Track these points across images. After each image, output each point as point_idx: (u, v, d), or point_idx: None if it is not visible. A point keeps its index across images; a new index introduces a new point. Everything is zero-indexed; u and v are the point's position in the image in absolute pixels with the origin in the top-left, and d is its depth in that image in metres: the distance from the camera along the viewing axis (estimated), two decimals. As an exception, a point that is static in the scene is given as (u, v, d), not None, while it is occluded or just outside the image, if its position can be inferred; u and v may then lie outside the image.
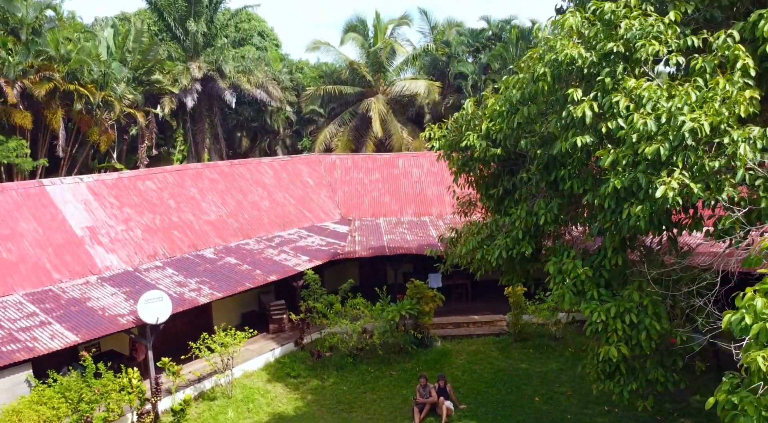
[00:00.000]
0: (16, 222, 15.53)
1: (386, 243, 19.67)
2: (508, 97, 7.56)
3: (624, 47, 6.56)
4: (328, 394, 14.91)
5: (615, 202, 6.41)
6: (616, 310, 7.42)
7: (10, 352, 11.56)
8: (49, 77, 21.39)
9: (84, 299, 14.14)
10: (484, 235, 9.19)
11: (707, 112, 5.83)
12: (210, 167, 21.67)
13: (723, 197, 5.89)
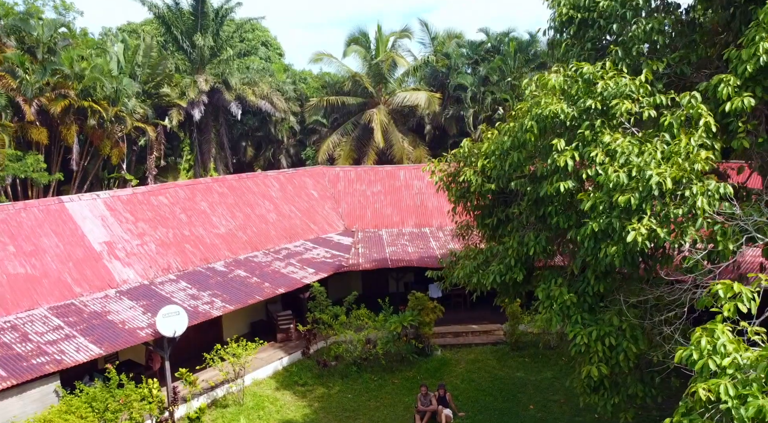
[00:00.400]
0: (39, 238, 16.41)
1: (388, 255, 20.54)
2: (500, 143, 8.44)
3: (601, 104, 7.41)
4: (334, 402, 15.77)
5: (593, 241, 7.27)
6: (597, 334, 8.29)
7: (40, 364, 12.44)
8: (65, 95, 22.28)
9: (105, 313, 15.01)
10: (480, 261, 10.07)
11: (672, 166, 6.69)
12: (219, 181, 22.55)
13: (686, 240, 6.75)
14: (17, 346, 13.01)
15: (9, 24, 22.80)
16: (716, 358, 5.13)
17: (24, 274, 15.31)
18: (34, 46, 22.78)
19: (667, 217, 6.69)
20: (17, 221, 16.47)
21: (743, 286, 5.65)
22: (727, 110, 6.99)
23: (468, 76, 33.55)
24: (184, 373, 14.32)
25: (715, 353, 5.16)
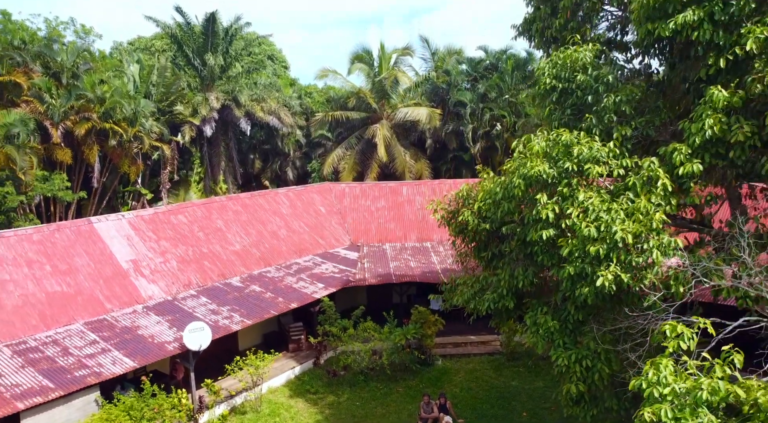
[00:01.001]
0: (72, 258, 17.82)
1: (392, 270, 21.95)
2: (493, 193, 9.84)
3: (577, 166, 8.79)
4: (343, 409, 17.19)
5: (570, 282, 8.67)
6: (575, 356, 9.70)
7: (82, 376, 13.85)
8: (88, 117, 23.67)
9: (134, 327, 16.43)
10: (477, 289, 11.49)
11: (634, 222, 8.11)
12: (233, 199, 23.96)
13: (645, 284, 8.16)
14: (60, 359, 14.42)
15: (35, 50, 24.23)
16: (659, 387, 6.54)
17: (60, 292, 16.73)
18: (59, 71, 24.21)
19: (630, 265, 8.11)
20: (52, 242, 17.88)
21: (685, 327, 7.08)
22: (680, 173, 8.42)
23: (467, 93, 34.92)
24: (209, 384, 15.74)
25: (659, 383, 6.57)
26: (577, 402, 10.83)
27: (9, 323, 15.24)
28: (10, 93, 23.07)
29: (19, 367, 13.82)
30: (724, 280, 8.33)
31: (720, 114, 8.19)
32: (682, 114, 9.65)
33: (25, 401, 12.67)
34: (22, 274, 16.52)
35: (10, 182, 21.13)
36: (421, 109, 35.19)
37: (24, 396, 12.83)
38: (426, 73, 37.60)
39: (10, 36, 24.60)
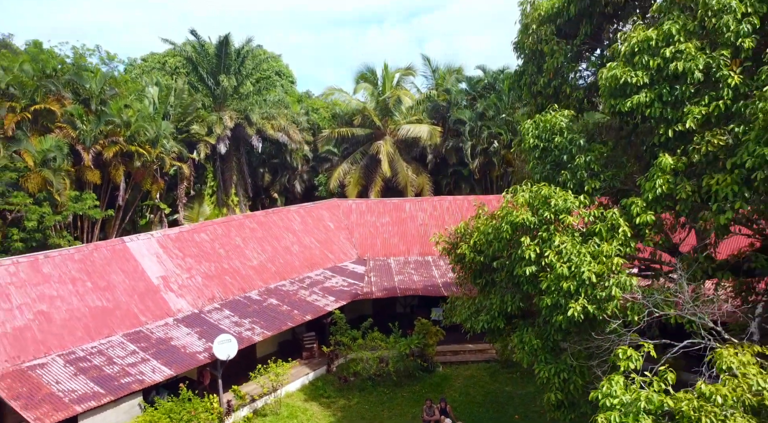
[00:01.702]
0: (109, 275, 19.78)
1: (397, 284, 23.90)
2: (485, 234, 11.80)
3: (553, 215, 10.73)
4: (353, 412, 19.13)
5: (548, 310, 10.60)
6: (554, 370, 11.65)
7: (127, 383, 15.79)
8: (115, 141, 25.62)
9: (168, 339, 18.38)
10: (473, 310, 13.44)
11: (598, 264, 10.06)
12: (250, 217, 25.92)
13: (607, 313, 10.11)
14: (106, 368, 16.37)
15: (65, 79, 26.16)
16: (611, 398, 8.49)
17: (101, 307, 18.69)
18: (88, 98, 26.14)
19: (595, 298, 10.07)
20: (91, 260, 19.84)
21: (634, 350, 9.04)
22: (637, 222, 10.38)
23: (466, 111, 36.90)
24: (236, 389, 17.69)
25: (611, 395, 8.52)
26: (558, 407, 12.74)
27: (59, 335, 17.20)
28: (45, 119, 25.02)
29: (72, 375, 15.78)
30: (672, 309, 10.29)
31: (668, 175, 10.13)
32: (643, 167, 11.61)
33: (82, 405, 14.62)
34: (68, 290, 18.48)
35: (47, 203, 23.07)
36: (422, 126, 37.18)
37: (80, 400, 14.78)
38: (427, 91, 39.56)
39: (41, 64, 26.54)
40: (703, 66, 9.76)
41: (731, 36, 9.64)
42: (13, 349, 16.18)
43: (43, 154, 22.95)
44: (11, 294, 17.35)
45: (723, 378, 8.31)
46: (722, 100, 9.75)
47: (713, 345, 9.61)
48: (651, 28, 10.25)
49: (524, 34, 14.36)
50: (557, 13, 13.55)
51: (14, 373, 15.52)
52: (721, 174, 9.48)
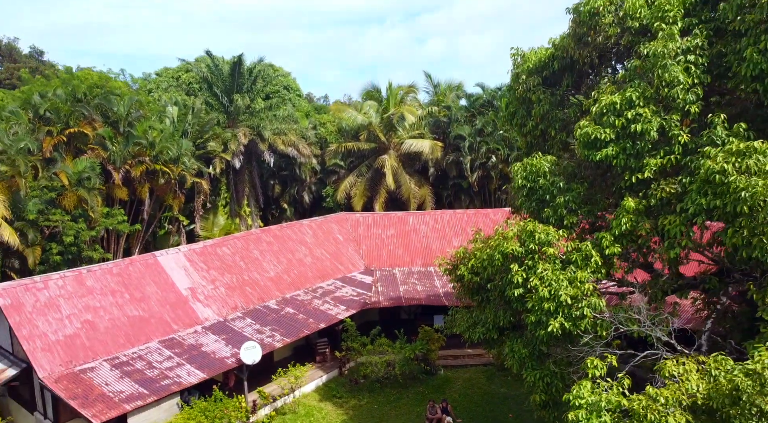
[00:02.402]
0: (144, 287, 21.94)
1: (402, 294, 26.06)
2: (481, 260, 13.95)
3: (537, 247, 12.86)
4: (364, 411, 21.29)
5: (533, 326, 12.75)
6: (539, 375, 13.80)
7: (167, 385, 17.95)
8: (142, 161, 27.79)
9: (198, 345, 20.54)
10: (470, 323, 15.60)
11: (573, 288, 12.20)
12: (266, 232, 28.08)
13: (581, 329, 12.25)
14: (147, 371, 18.54)
15: (95, 103, 28.32)
16: (579, 399, 10.64)
17: (138, 316, 20.86)
18: (117, 121, 28.30)
19: (571, 316, 12.23)
20: (127, 274, 22.00)
21: (600, 361, 11.20)
22: (607, 253, 12.55)
23: (466, 127, 39.04)
24: (261, 390, 19.87)
25: (579, 397, 10.67)
26: (543, 407, 14.89)
27: (104, 342, 19.37)
28: (78, 141, 27.17)
29: (119, 378, 17.95)
30: (635, 325, 12.45)
31: (631, 215, 12.28)
32: (614, 204, 13.76)
33: (130, 404, 16.79)
34: (109, 301, 20.65)
35: (82, 219, 25.22)
36: (424, 141, 39.34)
37: (128, 400, 16.94)
38: (428, 107, 41.72)
39: (72, 89, 28.70)
40: (658, 127, 11.92)
41: (680, 103, 11.81)
42: (65, 354, 18.35)
43: (78, 174, 25.10)
44: (61, 305, 19.52)
45: (667, 383, 10.46)
46: (674, 155, 11.92)
47: (667, 355, 11.76)
48: (616, 94, 12.42)
49: (515, 82, 16.53)
50: (543, 67, 15.73)
51: (69, 376, 17.69)
52: (672, 216, 11.64)
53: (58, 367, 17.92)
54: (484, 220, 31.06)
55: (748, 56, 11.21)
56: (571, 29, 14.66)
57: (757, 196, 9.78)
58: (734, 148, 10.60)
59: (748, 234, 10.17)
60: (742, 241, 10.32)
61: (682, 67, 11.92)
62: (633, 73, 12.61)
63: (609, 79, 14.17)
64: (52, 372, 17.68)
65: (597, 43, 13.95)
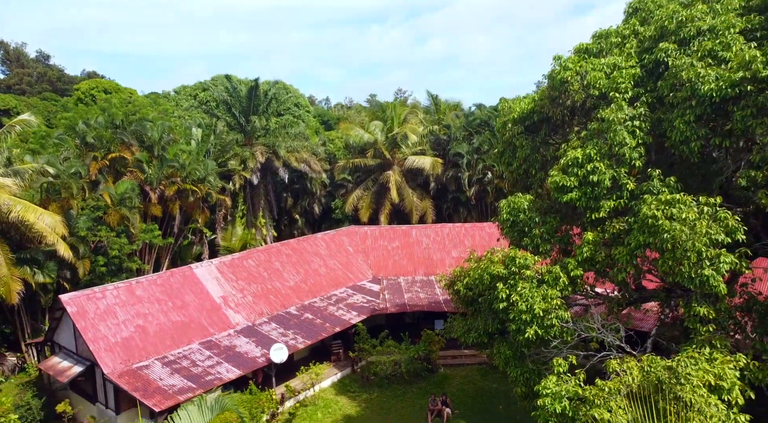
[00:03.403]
0: (183, 296, 25.30)
1: (406, 301, 29.42)
2: (473, 278, 17.29)
3: (518, 269, 16.18)
4: (374, 403, 24.65)
5: (514, 332, 16.08)
6: (521, 372, 17.15)
7: (211, 380, 21.29)
8: (174, 182, 31.14)
9: (232, 346, 23.90)
10: (465, 329, 18.93)
11: (545, 303, 15.55)
12: (285, 245, 31.45)
13: (551, 335, 15.60)
14: (192, 369, 21.89)
15: (131, 129, 31.69)
16: (546, 389, 13.99)
17: (180, 321, 24.22)
18: (151, 145, 31.66)
19: (543, 325, 15.59)
20: (169, 284, 25.37)
21: (563, 360, 14.57)
22: (572, 275, 15.91)
23: (464, 145, 42.40)
24: (288, 385, 23.25)
25: (546, 387, 14.03)
26: (524, 398, 18.20)
27: (154, 343, 22.74)
28: (119, 164, 30.54)
29: (170, 374, 21.31)
30: (594, 332, 15.78)
31: (591, 245, 15.62)
32: (580, 235, 17.10)
33: (182, 396, 20.13)
34: (155, 309, 24.02)
35: (124, 234, 28.58)
36: (426, 158, 42.71)
37: (180, 392, 20.29)
38: (429, 125, 45.11)
39: (111, 116, 32.07)
40: (610, 177, 15.27)
41: (627, 159, 15.17)
42: (124, 354, 21.72)
43: (120, 195, 28.46)
44: (117, 312, 22.89)
45: (612, 377, 13.81)
46: (623, 199, 15.27)
47: (617, 356, 15.10)
48: (579, 149, 15.77)
49: (503, 128, 19.89)
50: (526, 117, 19.08)
51: (128, 372, 21.07)
52: (621, 247, 14.99)
53: (118, 364, 21.29)
54: (479, 233, 34.43)
55: (677, 125, 14.56)
56: (547, 91, 18.00)
57: (677, 237, 13.14)
58: (663, 198, 13.97)
59: (672, 264, 13.52)
60: (669, 269, 13.69)
61: (629, 130, 15.28)
62: (592, 134, 15.96)
63: (575, 134, 17.46)
64: (114, 369, 21.05)
65: (566, 105, 17.29)
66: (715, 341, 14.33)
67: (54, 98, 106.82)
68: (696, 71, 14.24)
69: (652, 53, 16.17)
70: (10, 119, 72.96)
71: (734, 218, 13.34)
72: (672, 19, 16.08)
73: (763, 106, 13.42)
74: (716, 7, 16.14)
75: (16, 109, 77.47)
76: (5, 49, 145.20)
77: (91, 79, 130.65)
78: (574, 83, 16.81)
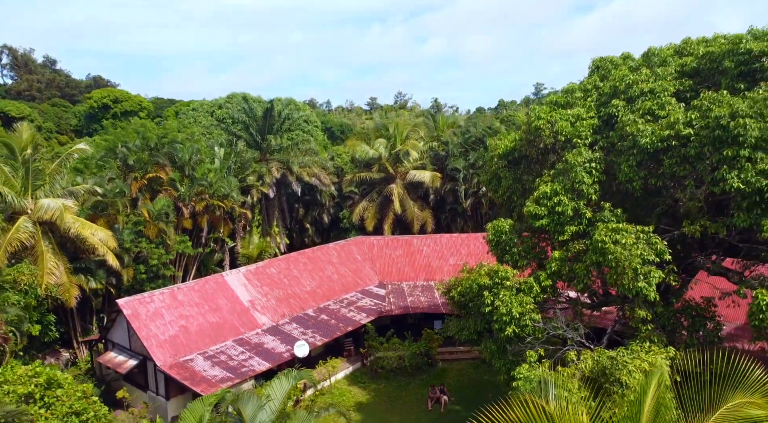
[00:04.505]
0: (216, 300, 29.35)
1: (409, 304, 33.46)
2: (465, 288, 21.30)
3: (500, 280, 20.18)
4: (382, 392, 28.69)
5: (497, 331, 20.09)
6: (503, 362, 21.24)
7: (246, 371, 25.31)
8: (203, 198, 35.20)
9: (261, 343, 27.94)
10: (459, 329, 22.98)
11: (521, 307, 19.56)
12: (302, 254, 35.51)
13: (526, 333, 19.63)
14: (229, 362, 25.93)
15: (164, 151, 35.77)
16: (520, 374, 18.05)
17: (216, 322, 28.27)
18: (182, 165, 35.73)
19: (519, 325, 19.65)
20: (204, 290, 29.41)
21: (534, 352, 18.64)
22: (543, 285, 19.97)
23: (461, 161, 46.46)
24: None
25: (519, 373, 18.09)
26: (506, 384, 22.23)
27: (196, 341, 26.79)
28: (155, 184, 34.62)
29: (211, 366, 25.35)
30: (560, 331, 19.81)
31: (558, 261, 19.64)
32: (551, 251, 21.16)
33: (224, 384, 24.16)
34: (194, 311, 28.07)
35: (161, 246, 32.65)
36: (426, 172, 46.79)
37: (222, 381, 24.31)
38: (429, 142, 49.20)
39: (144, 137, 36.14)
40: (572, 208, 19.33)
41: (586, 193, 19.22)
42: (171, 349, 25.77)
43: (157, 211, 32.53)
44: (164, 314, 26.94)
45: (570, 365, 17.86)
46: (582, 226, 19.34)
47: (576, 349, 19.16)
48: (548, 184, 19.81)
49: (491, 161, 23.99)
50: (508, 153, 23.16)
51: (177, 365, 25.11)
52: (579, 264, 19.05)
53: (168, 358, 25.33)
54: (474, 243, 38.47)
55: (623, 168, 18.62)
56: (525, 134, 22.09)
57: (618, 257, 17.20)
58: (611, 226, 18.04)
59: (616, 278, 17.58)
60: (613, 282, 17.76)
61: (587, 170, 19.35)
62: (559, 172, 20.02)
63: (547, 170, 21.51)
64: (165, 362, 25.09)
65: (540, 147, 21.34)
66: (654, 337, 18.46)
67: (63, 104, 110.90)
68: (637, 127, 18.34)
69: (607, 108, 20.28)
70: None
71: (662, 243, 17.44)
72: (622, 81, 20.18)
73: (685, 157, 17.50)
74: (657, 71, 20.23)
75: (30, 116, 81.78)
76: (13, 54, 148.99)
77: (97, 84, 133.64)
78: (546, 130, 20.89)
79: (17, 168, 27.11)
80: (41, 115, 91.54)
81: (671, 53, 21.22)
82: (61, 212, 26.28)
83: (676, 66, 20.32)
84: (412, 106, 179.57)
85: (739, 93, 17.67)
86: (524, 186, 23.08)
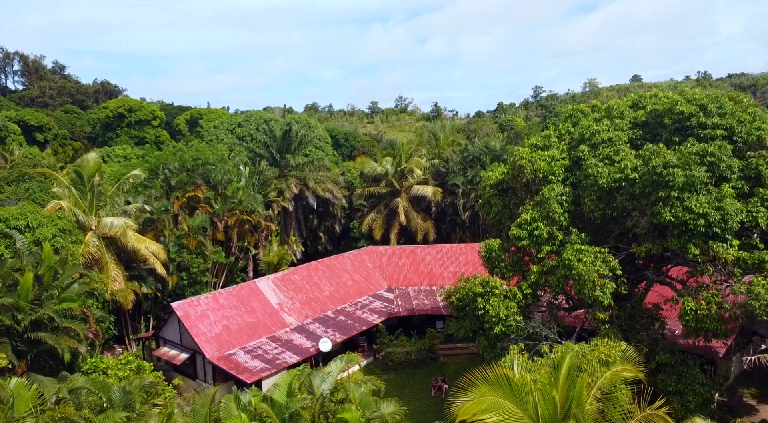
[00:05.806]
0: (251, 303, 34.40)
1: (414, 306, 38.51)
2: (462, 295, 26.31)
3: (491, 289, 25.20)
4: (392, 382, 33.69)
5: (488, 330, 25.07)
6: (492, 355, 26.28)
7: (280, 363, 30.32)
8: (234, 214, 40.26)
9: (290, 340, 32.99)
10: (457, 328, 28.00)
11: (506, 309, 24.56)
12: (320, 263, 40.57)
13: (510, 331, 24.63)
14: (265, 355, 30.96)
15: (199, 172, 40.82)
16: (504, 363, 23.08)
17: (251, 322, 33.32)
18: (216, 184, 40.79)
19: (505, 325, 24.71)
20: (240, 295, 34.47)
21: (516, 346, 23.73)
22: (525, 293, 25.04)
23: (459, 177, 51.54)
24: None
25: (505, 362, 23.13)
26: (497, 373, 27.34)
27: (236, 338, 31.85)
28: (192, 201, 39.70)
29: (251, 359, 30.40)
30: (538, 329, 24.82)
31: (536, 274, 24.65)
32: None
33: (263, 373, 29.20)
34: (233, 313, 33.13)
35: (200, 256, 37.72)
36: (428, 187, 51.88)
37: (261, 371, 29.33)
38: (431, 159, 54.28)
39: (182, 160, 41.20)
40: (547, 232, 24.37)
41: (558, 220, 24.27)
42: (217, 344, 30.82)
43: (197, 226, 37.61)
44: (209, 315, 32.00)
45: (544, 356, 22.87)
46: (555, 246, 24.39)
47: (549, 343, 24.19)
48: (528, 212, 24.82)
49: (484, 190, 29.06)
50: (498, 184, 28.23)
51: (223, 358, 30.17)
52: (553, 276, 24.09)
53: (215, 352, 30.39)
54: (471, 252, 43.48)
55: (586, 201, 23.67)
56: (511, 169, 27.13)
57: (580, 272, 22.25)
58: (576, 247, 23.09)
59: (579, 288, 22.63)
60: (578, 291, 22.81)
61: (559, 202, 24.39)
62: (537, 202, 25.05)
63: (529, 199, 26.51)
64: (212, 355, 30.15)
65: (522, 181, 26.39)
66: (611, 334, 23.51)
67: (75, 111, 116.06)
68: (597, 169, 23.41)
69: (576, 151, 25.34)
70: (43, 134, 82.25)
71: (615, 261, 22.52)
72: (588, 130, 25.25)
73: (632, 195, 22.58)
74: (616, 122, 25.31)
75: (47, 125, 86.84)
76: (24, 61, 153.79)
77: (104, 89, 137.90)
78: (527, 168, 25.94)
79: (85, 192, 32.17)
80: (57, 123, 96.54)
81: (628, 105, 26.30)
82: (124, 229, 31.34)
83: (631, 118, 25.39)
84: (413, 110, 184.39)
85: (675, 144, 22.77)
86: (511, 211, 28.15)
